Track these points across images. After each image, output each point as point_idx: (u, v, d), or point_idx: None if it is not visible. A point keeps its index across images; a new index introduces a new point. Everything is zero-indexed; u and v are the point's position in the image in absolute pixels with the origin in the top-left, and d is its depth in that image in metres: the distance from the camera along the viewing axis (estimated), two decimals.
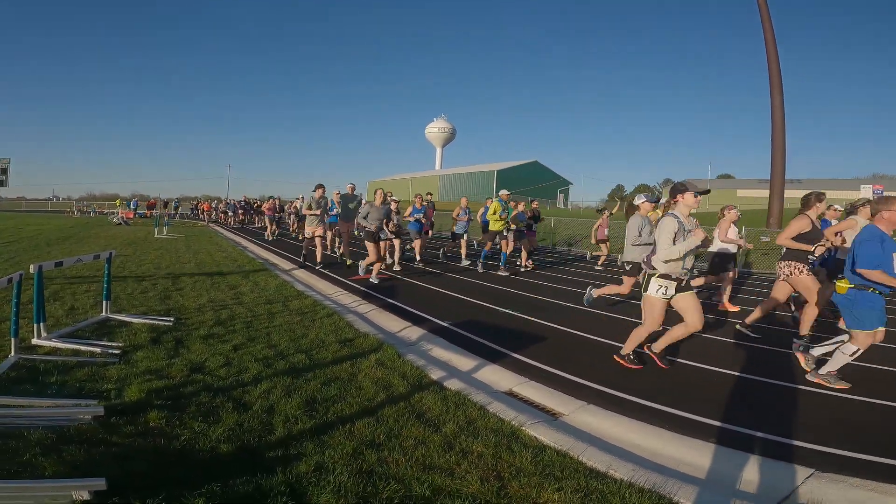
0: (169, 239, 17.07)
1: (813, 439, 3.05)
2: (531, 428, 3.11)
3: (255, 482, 2.35)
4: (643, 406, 3.55)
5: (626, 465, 2.71)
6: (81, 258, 5.28)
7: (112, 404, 3.11)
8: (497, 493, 2.42)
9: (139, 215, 34.98)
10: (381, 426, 3.03)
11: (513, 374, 4.13)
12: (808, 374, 4.18)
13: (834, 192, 46.22)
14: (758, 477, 2.65)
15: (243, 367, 3.95)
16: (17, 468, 2.35)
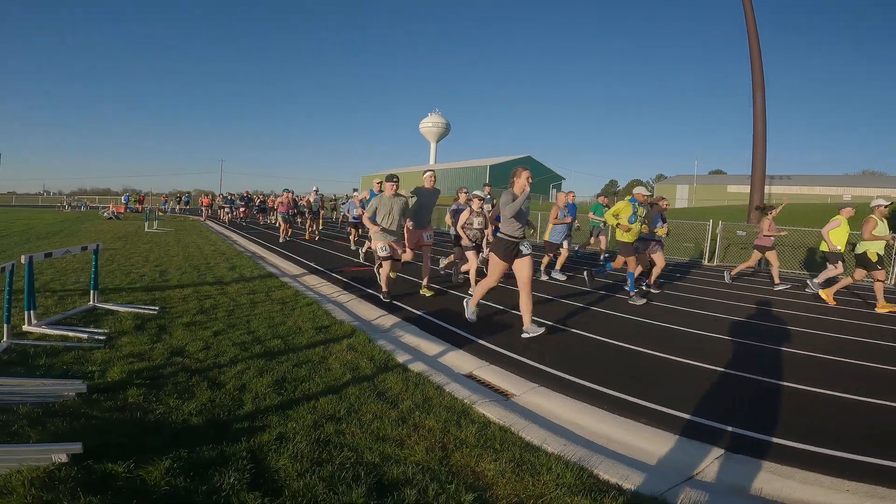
0: (159, 233, 17.26)
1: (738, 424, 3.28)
2: (482, 406, 3.38)
3: (219, 449, 2.61)
4: (591, 389, 3.81)
5: (559, 440, 2.98)
6: (70, 250, 5.50)
7: (95, 383, 3.36)
8: (440, 461, 2.69)
9: (130, 210, 35.00)
10: (343, 402, 3.29)
11: (475, 359, 4.40)
12: None
13: (824, 188, 46.78)
14: (675, 454, 2.91)
15: (221, 350, 4.21)
16: (5, 437, 2.60)
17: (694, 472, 2.74)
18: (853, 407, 3.65)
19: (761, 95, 17.20)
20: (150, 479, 2.30)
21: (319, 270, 9.35)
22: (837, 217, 8.58)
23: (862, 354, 5.01)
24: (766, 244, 9.50)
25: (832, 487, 2.56)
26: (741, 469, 2.75)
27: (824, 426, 3.30)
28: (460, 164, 78.00)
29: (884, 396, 3.82)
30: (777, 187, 46.43)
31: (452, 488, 2.41)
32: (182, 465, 2.43)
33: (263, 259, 11.05)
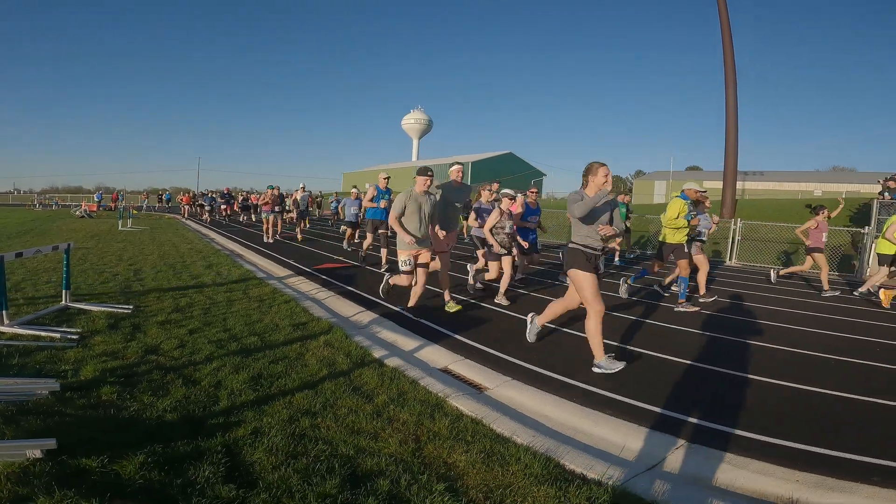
0: (134, 232, 16.96)
1: (700, 416, 3.40)
2: (455, 399, 3.47)
3: (194, 444, 2.65)
4: (563, 382, 3.92)
5: (528, 431, 3.08)
6: (41, 249, 5.42)
7: (68, 382, 3.35)
8: (413, 453, 2.76)
9: (103, 208, 34.29)
10: (318, 397, 3.34)
11: (451, 353, 4.49)
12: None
13: (795, 184, 47.99)
14: (639, 445, 3.02)
15: (196, 348, 4.21)
16: None
17: (655, 463, 2.85)
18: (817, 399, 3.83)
19: (733, 93, 17.63)
20: (124, 473, 2.33)
21: (299, 268, 9.33)
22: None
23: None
24: (819, 246, 9.09)
25: (783, 477, 2.67)
26: (700, 459, 2.86)
27: (786, 419, 3.46)
28: (442, 161, 77.99)
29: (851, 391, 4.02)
30: (750, 183, 47.45)
31: (424, 479, 2.49)
32: (156, 459, 2.46)
33: (242, 257, 10.96)
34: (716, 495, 2.54)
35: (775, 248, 14.21)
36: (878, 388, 3.99)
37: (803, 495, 2.53)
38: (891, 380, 4.28)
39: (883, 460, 2.82)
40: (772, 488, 2.61)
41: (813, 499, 2.51)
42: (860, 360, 4.76)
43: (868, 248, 11.91)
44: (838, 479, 2.64)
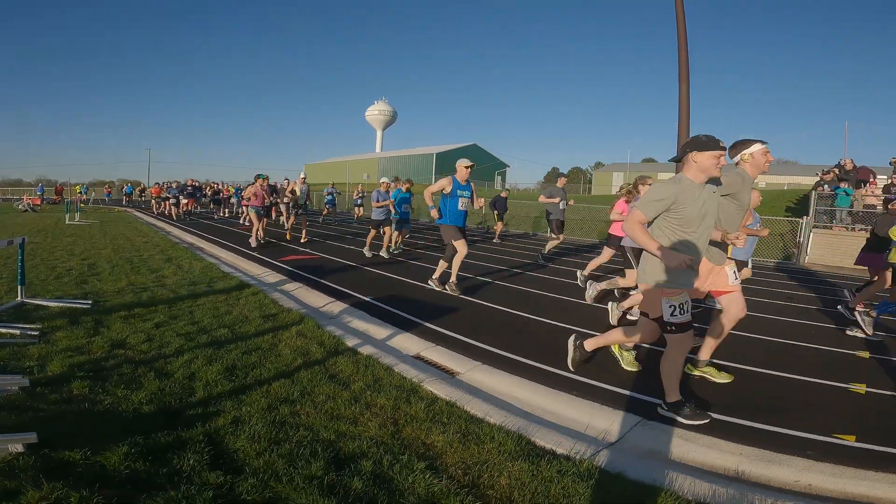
0: (82, 225, 16.21)
1: (658, 395, 3.62)
2: (429, 384, 3.59)
3: (175, 434, 2.67)
4: (530, 366, 4.11)
5: (500, 412, 3.25)
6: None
7: (36, 378, 3.28)
8: (392, 435, 2.87)
9: (46, 201, 32.53)
10: (295, 386, 3.40)
11: (423, 341, 4.61)
12: None
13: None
14: (603, 423, 3.21)
15: (165, 341, 4.17)
16: None
17: (617, 439, 3.06)
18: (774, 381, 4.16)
19: (686, 87, 18.33)
20: (109, 464, 2.34)
21: (264, 260, 9.21)
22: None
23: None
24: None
25: (729, 451, 2.91)
26: (656, 435, 3.08)
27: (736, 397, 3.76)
28: (406, 152, 77.71)
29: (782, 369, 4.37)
30: None
31: (405, 458, 2.61)
32: (139, 450, 2.48)
33: (202, 250, 10.71)
34: (669, 467, 2.75)
35: None
36: (818, 369, 4.37)
37: (746, 467, 2.76)
38: (829, 361, 4.70)
39: (818, 435, 3.08)
40: (719, 461, 2.84)
41: (755, 471, 2.74)
42: (807, 344, 5.17)
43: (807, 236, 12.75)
44: (777, 453, 2.88)
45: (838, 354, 4.80)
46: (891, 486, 2.59)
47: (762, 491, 2.55)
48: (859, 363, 4.57)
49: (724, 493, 2.49)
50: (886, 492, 2.56)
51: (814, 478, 2.67)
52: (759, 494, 2.50)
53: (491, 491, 2.41)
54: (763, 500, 2.43)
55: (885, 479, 2.63)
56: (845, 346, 5.04)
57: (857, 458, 2.82)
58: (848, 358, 4.69)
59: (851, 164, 14.86)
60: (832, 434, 3.09)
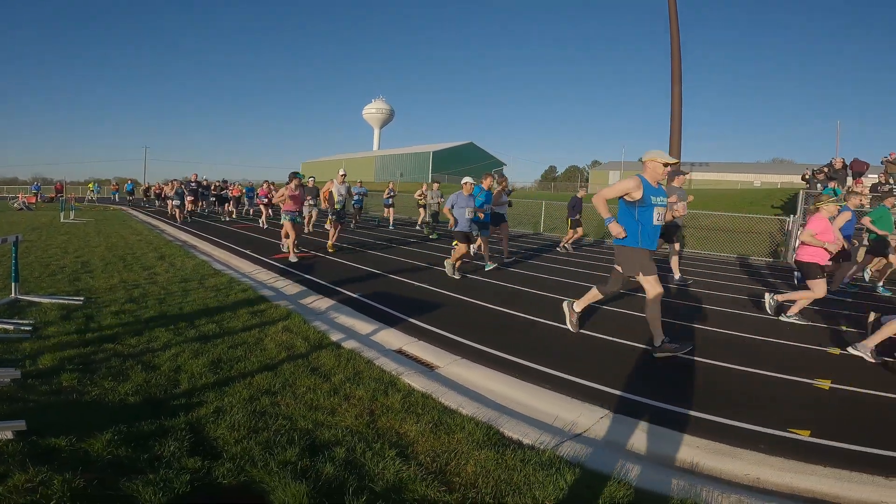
0: (77, 224, 16.31)
1: (626, 389, 3.76)
2: (407, 377, 3.73)
3: (158, 423, 2.81)
4: (508, 360, 4.24)
5: (473, 404, 3.38)
6: None
7: (28, 370, 3.42)
8: (367, 425, 3.01)
9: (42, 199, 32.63)
10: (278, 378, 3.54)
11: (405, 336, 4.74)
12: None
13: (737, 175, 50.65)
14: (570, 415, 3.35)
15: (154, 336, 4.30)
16: None
17: (582, 430, 3.19)
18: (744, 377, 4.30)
19: (678, 89, 18.49)
20: (92, 450, 2.47)
21: (256, 258, 9.33)
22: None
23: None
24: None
25: (686, 444, 3.03)
26: (619, 427, 3.21)
27: (697, 391, 3.90)
28: (403, 150, 77.75)
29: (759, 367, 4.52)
30: (696, 174, 49.72)
31: (378, 446, 2.74)
32: (123, 437, 2.62)
33: (195, 248, 10.83)
34: (626, 458, 2.87)
35: (715, 236, 15.13)
36: (787, 365, 4.52)
37: (701, 460, 2.89)
38: (800, 357, 4.84)
39: (774, 430, 3.20)
40: (676, 453, 2.96)
41: (709, 463, 2.86)
42: (780, 340, 5.31)
43: (793, 235, 12.90)
44: (732, 447, 3.00)
45: (809, 351, 4.93)
46: (836, 482, 2.67)
47: (711, 483, 2.66)
48: (829, 359, 4.70)
49: (675, 484, 2.61)
50: (832, 487, 2.65)
51: (763, 472, 2.78)
52: (709, 487, 2.60)
53: (457, 478, 2.54)
54: (710, 493, 2.55)
55: (832, 475, 2.72)
56: (819, 343, 5.17)
57: (808, 453, 2.93)
58: (819, 354, 4.83)
59: (841, 163, 15.03)
60: (788, 429, 3.20)
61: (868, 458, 2.89)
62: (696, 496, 2.50)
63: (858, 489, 2.63)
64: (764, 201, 22.14)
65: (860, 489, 2.63)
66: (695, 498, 2.48)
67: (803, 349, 4.98)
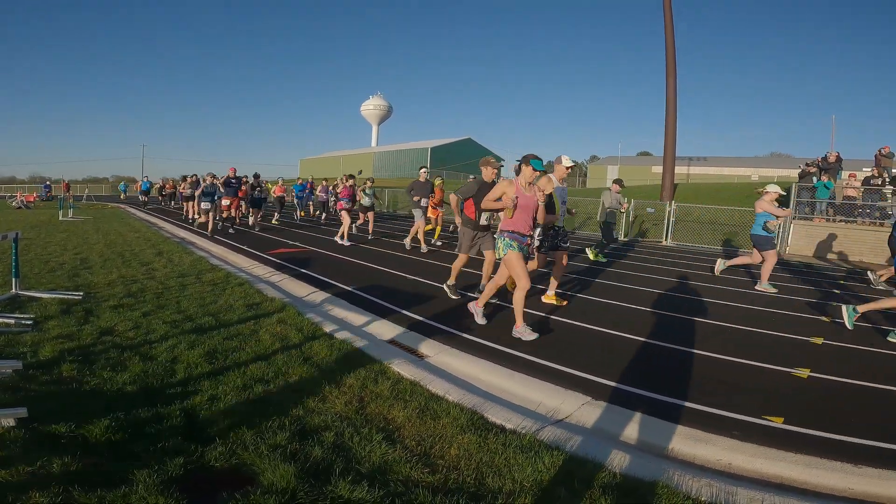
0: (76, 222, 16.40)
1: (608, 377, 3.88)
2: (397, 366, 3.84)
3: (154, 410, 2.92)
4: (496, 349, 4.35)
5: (459, 391, 3.50)
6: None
7: (29, 362, 3.53)
8: (356, 411, 3.12)
9: (41, 198, 32.85)
10: (271, 367, 3.65)
11: (397, 327, 4.85)
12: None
13: (735, 169, 50.61)
14: (553, 402, 3.46)
15: (151, 329, 4.42)
16: None
17: (564, 416, 3.31)
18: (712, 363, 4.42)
19: (673, 82, 18.57)
20: (91, 435, 2.59)
21: (253, 253, 9.43)
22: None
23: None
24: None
25: (662, 430, 3.12)
26: (600, 413, 3.32)
27: (675, 379, 4.01)
28: (401, 147, 77.70)
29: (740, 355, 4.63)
30: (695, 168, 49.72)
31: (366, 431, 2.85)
32: (120, 424, 2.73)
33: (193, 244, 10.93)
34: (603, 442, 2.97)
35: (708, 229, 15.23)
36: (769, 354, 4.63)
37: (676, 445, 3.00)
38: (782, 346, 4.95)
39: (749, 417, 3.30)
40: (653, 439, 3.07)
41: (683, 449, 2.97)
42: (764, 330, 5.43)
43: (788, 229, 13.00)
44: (707, 433, 3.10)
45: (792, 340, 5.04)
46: (805, 468, 2.77)
47: (684, 468, 2.76)
48: (810, 349, 4.81)
49: (649, 467, 2.70)
50: (801, 473, 2.74)
51: (734, 457, 2.87)
52: (681, 471, 2.69)
53: (441, 460, 2.65)
54: (682, 476, 2.64)
55: (802, 461, 2.81)
56: (802, 333, 5.28)
57: (780, 440, 3.03)
58: (800, 344, 4.94)
59: (835, 157, 15.10)
60: (762, 416, 3.31)
61: (839, 445, 2.98)
62: (668, 479, 2.59)
63: (826, 475, 2.72)
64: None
65: (828, 476, 2.71)
66: (666, 481, 2.58)
67: (787, 338, 5.09)
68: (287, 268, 7.89)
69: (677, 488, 2.52)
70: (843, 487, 2.65)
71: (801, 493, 2.62)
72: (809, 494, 2.61)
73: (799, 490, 2.65)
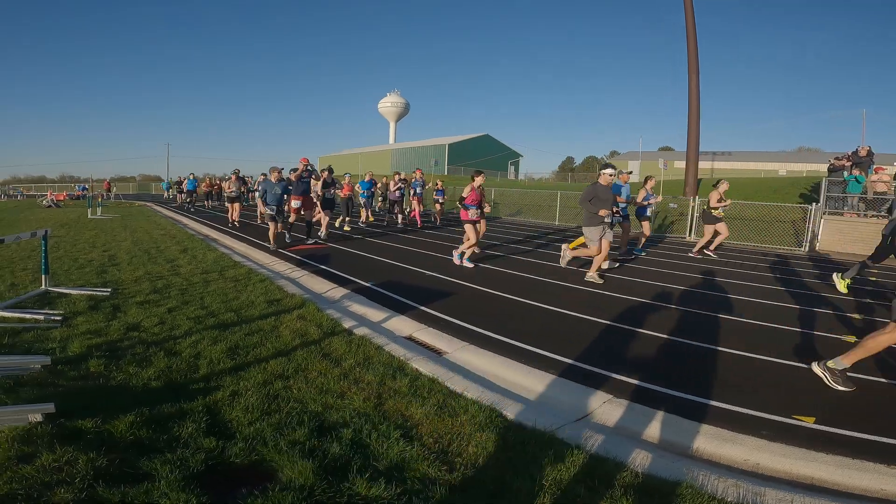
0: (104, 220, 16.83)
1: (630, 374, 3.86)
2: (415, 362, 3.84)
3: (178, 405, 2.97)
4: (515, 346, 4.32)
5: (477, 388, 3.47)
6: (20, 235, 5.57)
7: (57, 357, 3.62)
8: (375, 408, 3.12)
9: (70, 196, 34.03)
10: (291, 363, 3.68)
11: (416, 323, 4.86)
12: None
13: (761, 164, 49.33)
14: (573, 400, 3.42)
15: (176, 324, 4.50)
16: None
17: (585, 414, 3.26)
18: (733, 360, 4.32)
19: (695, 78, 18.15)
20: (116, 431, 2.64)
21: (274, 250, 9.55)
22: None
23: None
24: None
25: (687, 429, 3.06)
26: (623, 412, 3.26)
27: (702, 377, 3.93)
28: (418, 143, 77.71)
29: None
30: (719, 163, 48.65)
31: (384, 428, 2.85)
32: (144, 419, 2.78)
33: (216, 241, 11.12)
34: (624, 441, 2.93)
35: (733, 225, 14.86)
36: (799, 352, 4.50)
37: (702, 445, 2.94)
38: (812, 344, 4.81)
39: (778, 416, 3.22)
40: (677, 438, 3.01)
41: (710, 448, 2.91)
42: (794, 328, 5.28)
43: (818, 223, 12.62)
44: (733, 432, 3.02)
45: (823, 338, 4.89)
46: (837, 469, 2.68)
47: (710, 468, 2.69)
48: (843, 347, 4.65)
49: (673, 467, 2.65)
50: (832, 474, 2.66)
51: (763, 457, 2.80)
52: (706, 471, 2.63)
53: (458, 458, 2.64)
54: (707, 476, 2.58)
55: (834, 462, 2.73)
56: (834, 331, 5.12)
57: (811, 440, 2.94)
58: (833, 342, 4.79)
59: (867, 151, 14.58)
60: (792, 415, 3.22)
61: (873, 445, 2.89)
62: (693, 479, 2.54)
63: (859, 476, 2.63)
64: (786, 190, 21.60)
65: (861, 476, 2.63)
66: (691, 481, 2.53)
67: (817, 336, 4.95)
68: (307, 264, 7.97)
69: (702, 488, 2.47)
70: (876, 488, 2.57)
71: (833, 493, 2.55)
72: (842, 495, 2.54)
73: (831, 491, 2.58)
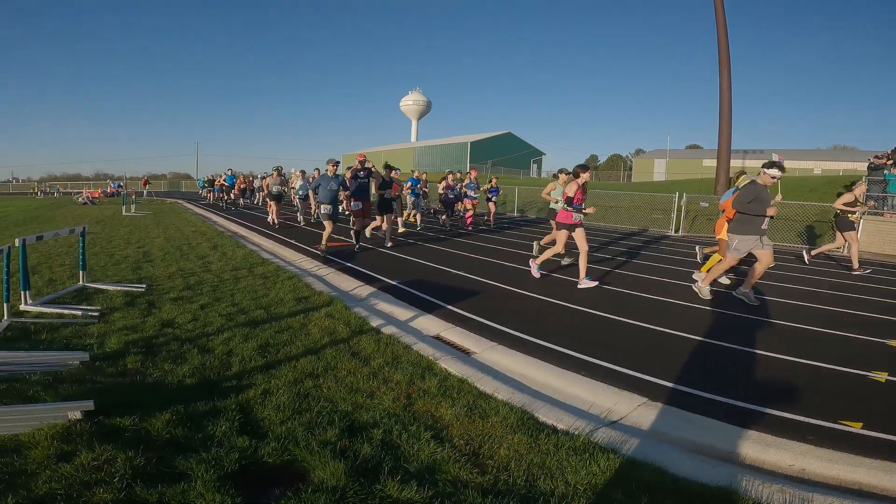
0: (137, 217, 17.30)
1: (664, 377, 3.74)
2: (444, 362, 3.82)
3: (212, 404, 3.00)
4: (545, 347, 4.26)
5: (508, 389, 3.43)
6: (59, 232, 5.76)
7: (95, 353, 3.71)
8: (404, 408, 3.11)
9: (104, 193, 35.21)
10: (320, 362, 3.70)
11: (443, 322, 4.83)
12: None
13: (795, 162, 47.67)
14: (607, 402, 3.35)
15: (208, 321, 4.58)
16: (25, 400, 2.96)
17: (619, 418, 3.19)
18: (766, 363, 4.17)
19: (727, 74, 17.64)
20: (153, 429, 2.68)
21: (300, 247, 9.66)
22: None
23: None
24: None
25: (727, 433, 2.96)
26: (658, 415, 3.18)
27: (751, 383, 3.80)
28: (441, 142, 77.64)
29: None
30: (750, 161, 47.20)
31: (414, 429, 2.84)
32: (180, 417, 2.82)
33: (245, 238, 11.30)
34: (662, 446, 2.85)
35: (772, 224, 14.41)
36: (842, 357, 4.32)
37: (743, 449, 2.84)
38: (856, 349, 4.61)
39: (824, 421, 3.10)
40: (716, 443, 2.91)
41: (751, 453, 2.81)
42: (835, 332, 5.08)
43: (858, 223, 12.10)
44: (777, 437, 2.92)
45: (867, 342, 4.69)
46: (885, 474, 2.57)
47: (753, 473, 2.61)
48: (888, 352, 4.46)
49: (714, 472, 2.57)
50: (881, 480, 2.55)
51: (809, 462, 2.70)
52: (749, 476, 2.55)
53: (490, 460, 2.61)
54: (751, 482, 2.49)
55: (882, 467, 2.62)
56: (879, 336, 4.90)
57: (859, 446, 2.83)
58: (877, 346, 4.59)
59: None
60: (839, 421, 3.10)
61: None
62: (735, 484, 2.46)
63: None
64: (823, 189, 20.83)
65: None
66: (733, 486, 2.45)
67: (862, 340, 4.75)
68: (333, 262, 8.03)
69: (745, 494, 2.38)
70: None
71: (881, 499, 2.46)
72: (890, 501, 2.44)
73: (879, 496, 2.48)
